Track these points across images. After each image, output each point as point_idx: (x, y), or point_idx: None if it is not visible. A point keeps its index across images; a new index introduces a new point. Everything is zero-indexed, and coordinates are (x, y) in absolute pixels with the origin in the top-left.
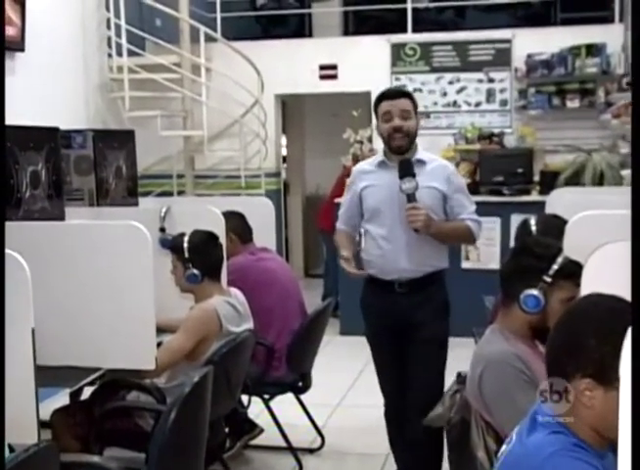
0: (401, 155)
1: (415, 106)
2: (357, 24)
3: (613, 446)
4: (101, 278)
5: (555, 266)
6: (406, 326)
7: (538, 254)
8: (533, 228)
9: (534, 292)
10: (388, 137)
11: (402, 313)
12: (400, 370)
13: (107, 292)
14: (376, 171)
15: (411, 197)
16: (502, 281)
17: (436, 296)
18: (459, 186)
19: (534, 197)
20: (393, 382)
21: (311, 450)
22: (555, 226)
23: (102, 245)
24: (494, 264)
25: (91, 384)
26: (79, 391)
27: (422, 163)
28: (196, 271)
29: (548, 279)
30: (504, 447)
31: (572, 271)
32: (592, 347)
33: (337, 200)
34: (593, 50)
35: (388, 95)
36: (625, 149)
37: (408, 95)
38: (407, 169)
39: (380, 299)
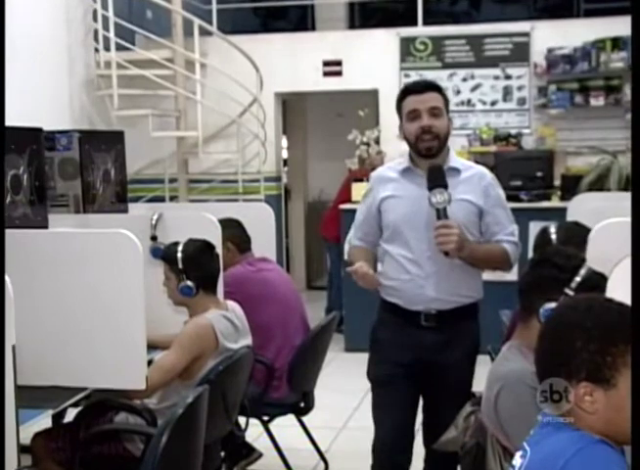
0: (431, 159)
1: (446, 102)
2: (364, 17)
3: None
4: (87, 291)
5: (577, 278)
6: (428, 367)
7: (559, 264)
8: (553, 237)
9: (555, 305)
10: (415, 139)
11: (426, 352)
12: (411, 416)
13: (93, 305)
14: (399, 180)
15: (442, 213)
16: (520, 294)
17: (468, 333)
18: (498, 200)
19: (555, 203)
20: (399, 427)
21: None
22: (577, 235)
23: (88, 255)
24: (511, 276)
25: (76, 405)
26: (63, 412)
27: (455, 171)
28: (190, 283)
29: (570, 292)
30: (518, 462)
31: (596, 284)
32: (579, 348)
33: (341, 206)
34: (619, 43)
35: (413, 89)
36: None
37: (438, 88)
38: (438, 179)
39: (399, 333)
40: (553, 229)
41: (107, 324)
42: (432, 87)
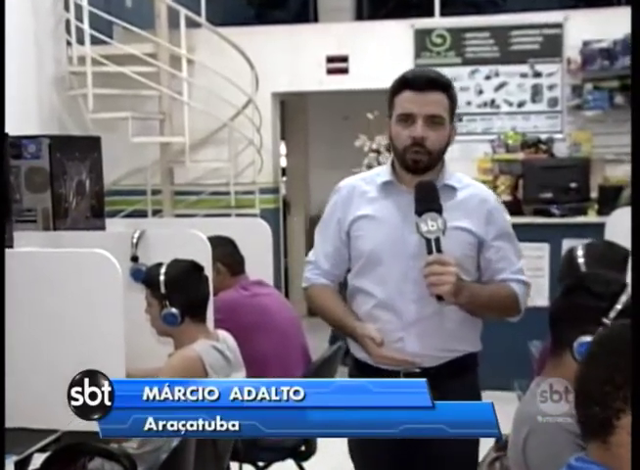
0: (418, 174)
1: (453, 104)
2: (373, 7)
3: None
4: (57, 319)
5: (618, 306)
6: (415, 445)
7: (596, 291)
8: (580, 261)
9: (591, 339)
10: (402, 148)
11: None
12: None
13: (65, 336)
14: (377, 196)
15: (434, 244)
16: (551, 324)
17: (464, 391)
18: (503, 229)
19: (591, 218)
20: None
21: None
22: (608, 257)
23: (59, 278)
24: (542, 301)
25: (43, 450)
26: (28, 459)
27: (450, 189)
28: (174, 310)
29: (609, 323)
30: None
31: None
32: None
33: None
34: None
35: (413, 82)
36: None
37: (444, 87)
38: (430, 200)
39: None
40: (580, 251)
41: (80, 357)
42: (436, 85)
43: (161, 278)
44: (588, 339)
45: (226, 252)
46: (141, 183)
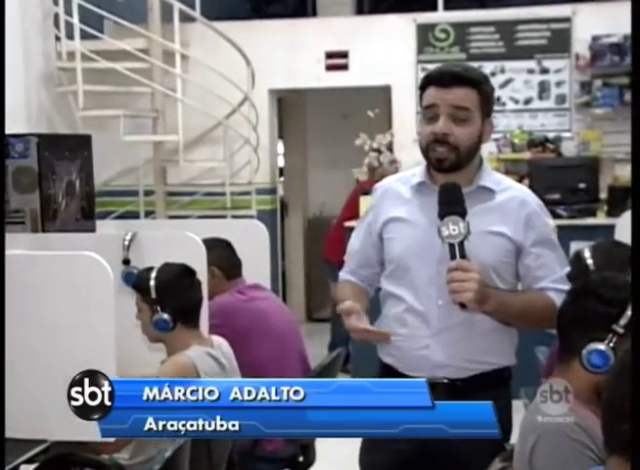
0: (448, 174)
1: (485, 100)
2: (374, 1)
3: None
4: (46, 324)
5: (628, 313)
6: (435, 459)
7: (606, 297)
8: (589, 262)
9: (601, 346)
10: (425, 146)
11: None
12: None
13: (54, 342)
14: (411, 198)
15: (456, 250)
16: (559, 330)
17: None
18: (543, 234)
19: (601, 219)
20: None
21: None
22: (618, 257)
23: (48, 282)
24: None
25: (30, 461)
26: None
27: (487, 192)
28: (165, 316)
29: (619, 330)
30: None
31: None
32: None
33: (347, 224)
34: None
35: (437, 77)
36: None
37: (473, 82)
38: (452, 203)
39: None
40: (588, 253)
41: (69, 364)
42: (461, 80)
43: (152, 283)
44: (597, 346)
45: (222, 254)
46: (133, 183)
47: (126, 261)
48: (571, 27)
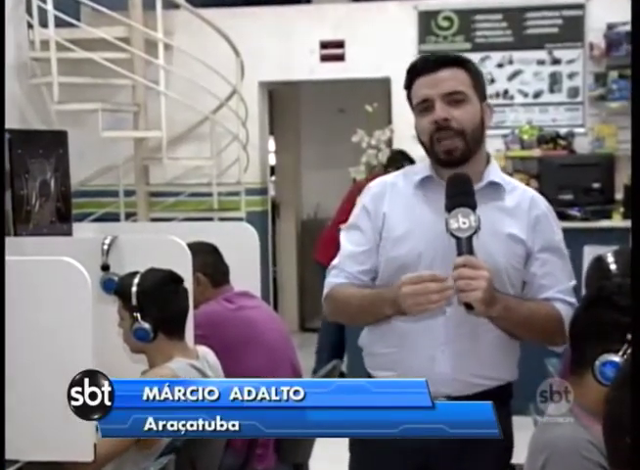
0: (456, 167)
1: (477, 81)
2: None
3: None
4: (20, 335)
5: None
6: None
7: (621, 305)
8: (612, 267)
9: (615, 358)
10: (429, 140)
11: (434, 457)
12: None
13: (27, 354)
14: (414, 194)
15: (464, 244)
16: (572, 341)
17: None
18: (551, 240)
19: (616, 222)
20: None
21: None
22: None
23: (21, 289)
24: None
25: None
26: None
27: (496, 188)
28: (146, 325)
29: None
30: None
31: None
32: None
33: (343, 226)
34: None
35: (422, 67)
36: None
37: (460, 62)
38: (462, 194)
39: None
40: (611, 258)
41: (44, 378)
42: (448, 62)
43: (134, 289)
44: (611, 357)
45: (208, 260)
46: (112, 183)
47: (105, 267)
48: (585, 15)
